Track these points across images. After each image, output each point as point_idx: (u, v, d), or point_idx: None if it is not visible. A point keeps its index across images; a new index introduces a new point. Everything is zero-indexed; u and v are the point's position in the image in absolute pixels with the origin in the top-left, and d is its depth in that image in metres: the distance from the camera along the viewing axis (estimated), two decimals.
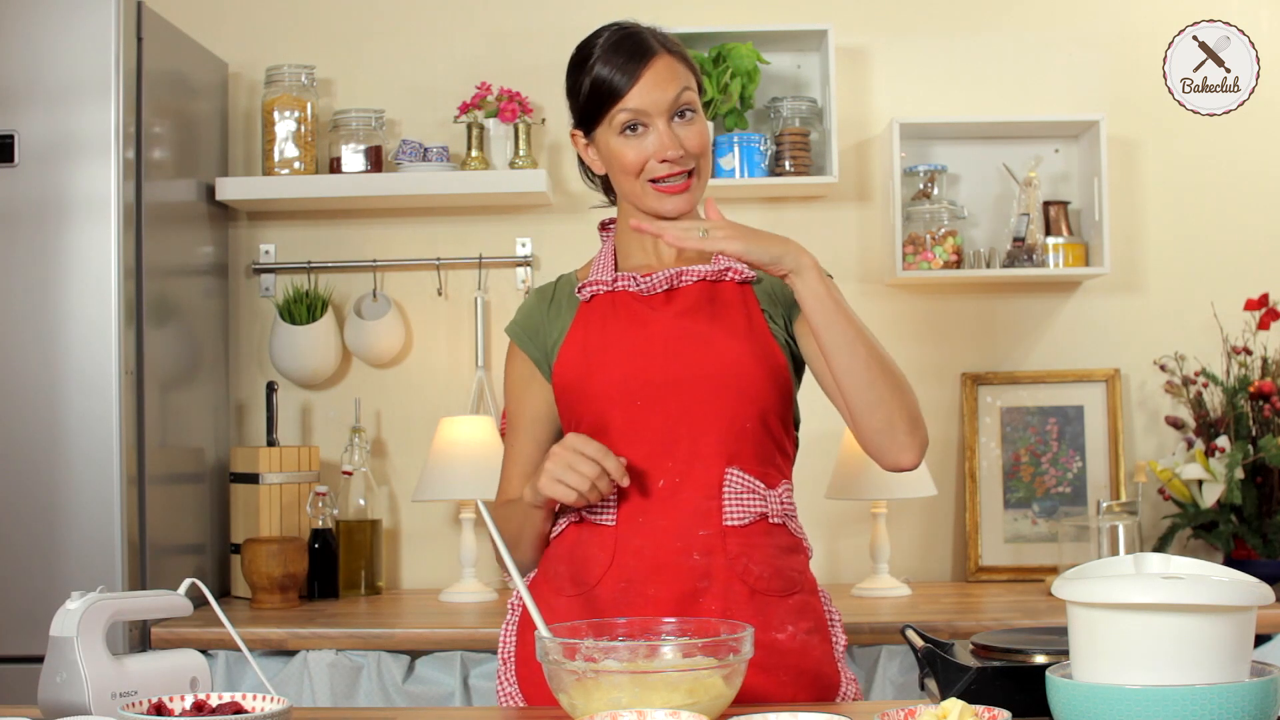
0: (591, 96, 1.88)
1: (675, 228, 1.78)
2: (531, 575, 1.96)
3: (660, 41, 1.90)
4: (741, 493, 1.85)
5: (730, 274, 1.92)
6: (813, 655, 1.87)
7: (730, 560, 1.83)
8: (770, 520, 1.87)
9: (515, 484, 1.97)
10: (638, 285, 1.92)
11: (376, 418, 3.40)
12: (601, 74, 1.87)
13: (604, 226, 2.07)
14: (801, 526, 1.95)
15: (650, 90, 1.85)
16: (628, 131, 1.87)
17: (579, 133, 1.95)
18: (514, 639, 1.95)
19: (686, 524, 1.84)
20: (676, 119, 1.87)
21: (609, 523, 1.86)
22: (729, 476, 1.85)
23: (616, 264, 1.98)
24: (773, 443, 1.89)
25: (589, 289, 1.94)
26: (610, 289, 1.93)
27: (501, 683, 1.93)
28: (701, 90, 1.95)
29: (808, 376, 1.96)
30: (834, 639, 1.92)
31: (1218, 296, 3.28)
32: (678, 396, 1.85)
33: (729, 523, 1.84)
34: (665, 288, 1.91)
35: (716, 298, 1.91)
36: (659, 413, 1.85)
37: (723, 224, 1.78)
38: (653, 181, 1.88)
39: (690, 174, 1.89)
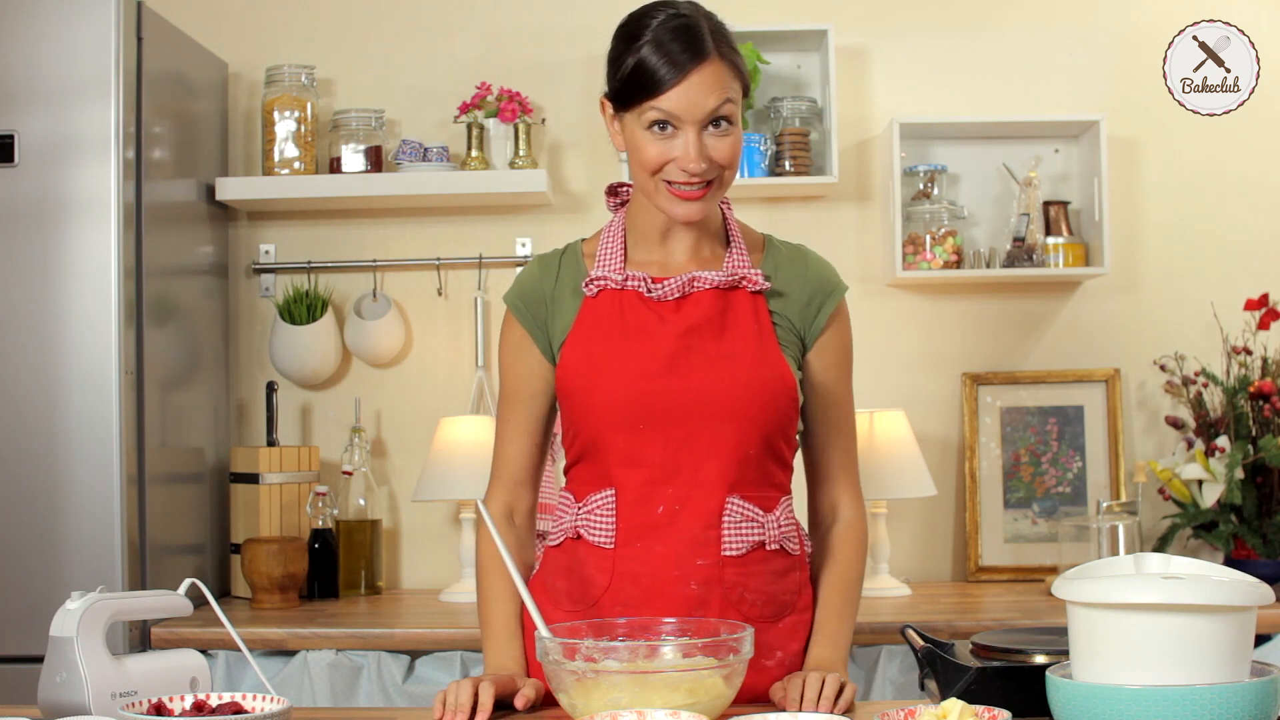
0: (629, 82, 1.77)
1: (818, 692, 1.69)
2: (530, 575, 1.95)
3: (716, 42, 1.78)
4: (741, 522, 1.82)
5: (745, 283, 1.85)
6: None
7: (726, 590, 1.81)
8: (767, 547, 1.84)
9: (511, 459, 1.92)
10: (650, 292, 1.84)
11: (376, 418, 3.40)
12: (645, 63, 1.75)
13: (613, 191, 1.97)
14: (802, 529, 1.93)
15: (689, 96, 1.74)
16: (655, 128, 1.76)
17: (608, 103, 1.84)
18: None
19: (685, 553, 1.80)
20: (711, 128, 1.77)
21: (607, 545, 1.82)
22: (729, 506, 1.81)
23: (626, 252, 1.89)
24: (775, 462, 1.86)
25: (595, 284, 1.85)
26: (619, 288, 1.85)
27: None
28: (746, 93, 1.84)
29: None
30: None
31: (1218, 296, 3.28)
32: (681, 423, 1.79)
33: (727, 553, 1.81)
34: (677, 296, 1.83)
35: (728, 309, 1.84)
36: (661, 438, 1.80)
37: (849, 687, 1.71)
38: (668, 183, 1.78)
39: (710, 183, 1.79)
